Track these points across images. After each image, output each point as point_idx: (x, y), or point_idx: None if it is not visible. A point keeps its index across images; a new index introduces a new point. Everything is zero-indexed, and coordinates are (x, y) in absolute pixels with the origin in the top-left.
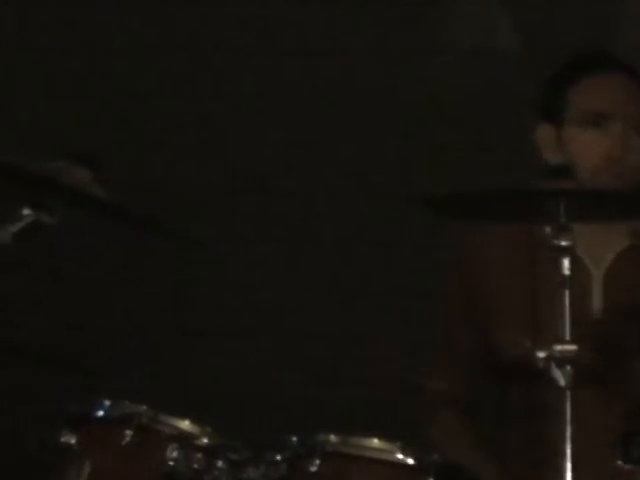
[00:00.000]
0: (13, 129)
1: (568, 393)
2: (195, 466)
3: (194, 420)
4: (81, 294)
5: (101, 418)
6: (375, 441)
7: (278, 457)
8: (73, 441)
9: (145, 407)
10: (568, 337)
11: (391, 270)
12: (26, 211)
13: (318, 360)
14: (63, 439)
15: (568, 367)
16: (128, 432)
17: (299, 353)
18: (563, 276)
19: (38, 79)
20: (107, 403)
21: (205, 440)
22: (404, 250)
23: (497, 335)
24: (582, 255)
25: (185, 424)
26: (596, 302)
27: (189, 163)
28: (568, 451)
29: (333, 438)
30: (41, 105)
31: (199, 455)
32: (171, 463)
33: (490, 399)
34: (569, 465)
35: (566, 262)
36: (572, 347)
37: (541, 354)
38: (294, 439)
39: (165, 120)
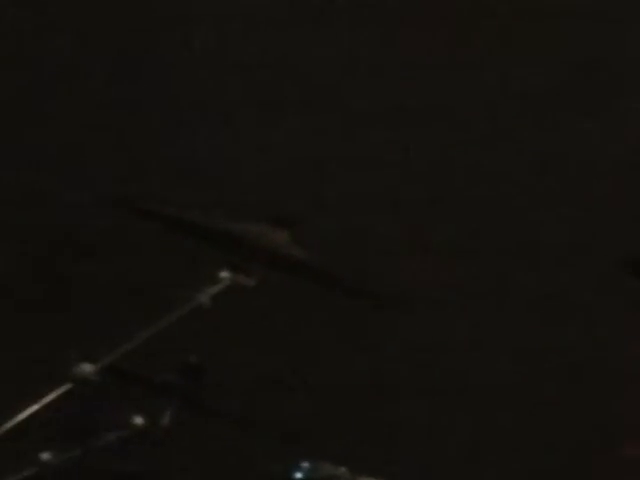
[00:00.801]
0: (212, 192)
1: None
2: None
3: None
4: (283, 355)
5: None
6: None
7: None
8: None
9: (344, 468)
10: None
11: (592, 335)
12: (224, 273)
13: (518, 424)
14: None
15: None
16: None
17: (495, 411)
18: None
19: (238, 144)
20: (306, 465)
21: None
22: (606, 314)
23: None
24: None
25: None
26: None
27: (384, 222)
28: None
29: None
30: (241, 168)
31: None
32: None
33: None
34: None
35: None
36: None
37: None
38: None
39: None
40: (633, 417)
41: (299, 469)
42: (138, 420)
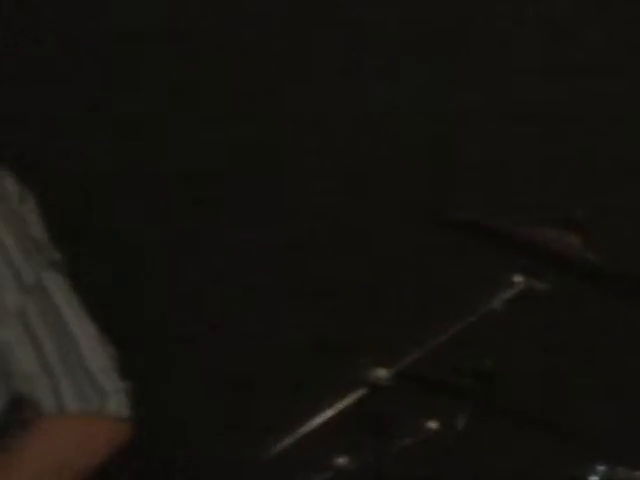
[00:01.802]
0: (500, 195)
1: None
2: None
3: None
4: (577, 360)
5: None
6: None
7: None
8: None
9: None
10: None
11: None
12: (517, 278)
13: None
14: None
15: None
16: None
17: None
18: None
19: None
20: (602, 468)
21: None
22: None
23: None
24: None
25: None
26: None
27: None
28: None
29: None
30: (534, 171)
31: None
32: None
33: None
34: None
35: None
36: None
37: None
38: None
39: None
40: None
41: (595, 472)
42: (432, 425)
